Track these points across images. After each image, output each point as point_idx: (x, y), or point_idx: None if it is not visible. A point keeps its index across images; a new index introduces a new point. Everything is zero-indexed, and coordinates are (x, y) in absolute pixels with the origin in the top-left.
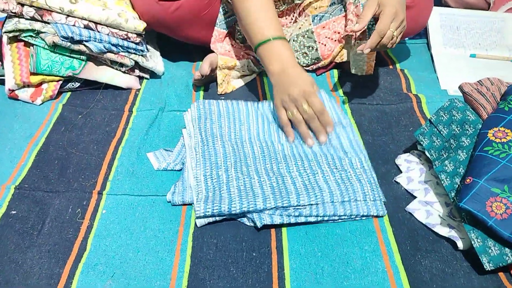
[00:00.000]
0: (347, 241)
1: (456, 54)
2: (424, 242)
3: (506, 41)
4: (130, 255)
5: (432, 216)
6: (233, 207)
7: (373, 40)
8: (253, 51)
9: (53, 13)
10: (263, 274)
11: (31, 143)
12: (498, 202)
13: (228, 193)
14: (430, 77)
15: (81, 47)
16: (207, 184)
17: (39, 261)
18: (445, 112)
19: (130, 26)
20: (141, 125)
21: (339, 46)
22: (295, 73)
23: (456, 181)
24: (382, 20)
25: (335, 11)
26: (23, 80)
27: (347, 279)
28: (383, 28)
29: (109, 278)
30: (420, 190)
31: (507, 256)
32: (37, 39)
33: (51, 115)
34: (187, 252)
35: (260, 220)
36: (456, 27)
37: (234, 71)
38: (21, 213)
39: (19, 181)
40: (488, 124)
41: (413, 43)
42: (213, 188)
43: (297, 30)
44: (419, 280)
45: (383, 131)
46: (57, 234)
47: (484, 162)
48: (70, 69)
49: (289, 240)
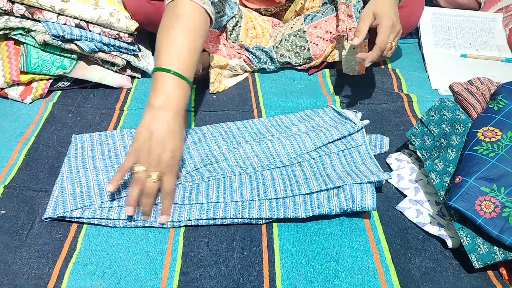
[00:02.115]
0: (338, 240)
1: (447, 53)
2: (414, 241)
3: (496, 41)
4: (120, 254)
5: (422, 215)
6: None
7: (374, 54)
8: (245, 51)
9: (44, 11)
10: (254, 273)
11: (20, 142)
12: (487, 201)
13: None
14: (421, 77)
15: (72, 46)
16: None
17: (28, 261)
18: (436, 112)
19: (122, 25)
20: (132, 124)
21: (331, 46)
22: (177, 135)
23: (445, 179)
24: (381, 34)
25: (327, 11)
26: (12, 78)
27: (337, 278)
28: (383, 42)
29: (99, 278)
30: (411, 189)
31: (496, 254)
32: (28, 38)
33: (41, 114)
34: (178, 252)
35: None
36: (447, 27)
37: (226, 70)
38: (11, 213)
39: (9, 180)
40: (477, 124)
41: (405, 42)
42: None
43: (289, 30)
44: (409, 279)
45: (374, 130)
46: (47, 234)
47: (474, 161)
48: (61, 68)
49: (280, 239)
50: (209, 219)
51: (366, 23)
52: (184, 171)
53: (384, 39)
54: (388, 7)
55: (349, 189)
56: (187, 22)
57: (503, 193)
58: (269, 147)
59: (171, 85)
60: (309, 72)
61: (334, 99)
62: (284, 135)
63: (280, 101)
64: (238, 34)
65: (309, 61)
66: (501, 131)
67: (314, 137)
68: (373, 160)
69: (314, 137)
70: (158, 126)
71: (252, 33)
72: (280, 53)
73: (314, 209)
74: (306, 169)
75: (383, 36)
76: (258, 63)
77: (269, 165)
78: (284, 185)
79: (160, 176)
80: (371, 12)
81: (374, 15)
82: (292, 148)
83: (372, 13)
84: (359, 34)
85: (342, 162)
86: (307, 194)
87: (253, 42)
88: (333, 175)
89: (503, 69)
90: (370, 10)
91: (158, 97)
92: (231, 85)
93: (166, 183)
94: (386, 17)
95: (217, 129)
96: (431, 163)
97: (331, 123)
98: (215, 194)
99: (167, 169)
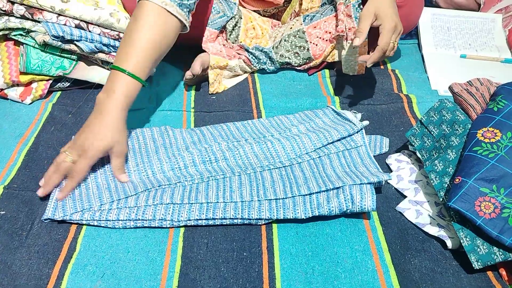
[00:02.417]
0: (338, 241)
1: (447, 54)
2: (414, 242)
3: (495, 42)
4: (120, 255)
5: (422, 216)
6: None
7: (376, 56)
8: (245, 51)
9: (44, 12)
10: (253, 274)
11: (20, 142)
12: (486, 202)
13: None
14: (420, 77)
15: (72, 46)
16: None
17: (28, 261)
18: (436, 113)
19: (122, 26)
20: (131, 125)
21: (330, 46)
22: (105, 121)
23: (445, 180)
24: (384, 36)
25: (326, 11)
26: (12, 79)
27: (337, 279)
28: (385, 44)
29: (99, 279)
30: (410, 189)
31: (496, 255)
32: (27, 38)
33: (41, 115)
34: (177, 252)
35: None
36: (446, 27)
37: (225, 70)
38: (10, 213)
39: (8, 181)
40: (477, 124)
41: (404, 43)
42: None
43: (289, 30)
44: (408, 279)
45: (374, 131)
46: (47, 235)
47: (473, 162)
48: (61, 69)
49: (280, 240)
50: (208, 219)
51: (367, 22)
52: (184, 170)
53: (386, 41)
54: (389, 6)
55: (349, 190)
56: (146, 24)
57: (502, 194)
58: (269, 147)
59: (123, 85)
60: (309, 73)
61: (334, 99)
62: (284, 136)
63: (280, 102)
64: (238, 34)
65: (309, 62)
66: (500, 131)
67: (314, 138)
68: (373, 161)
69: (314, 138)
70: (92, 116)
71: (251, 34)
72: (279, 53)
73: (313, 210)
74: (305, 170)
75: (386, 38)
76: (257, 64)
77: (269, 165)
78: (283, 186)
79: (74, 160)
80: (372, 11)
81: (376, 14)
82: (292, 149)
83: (373, 12)
84: (360, 34)
85: (342, 163)
86: (307, 195)
87: (252, 42)
88: (332, 175)
89: (503, 69)
90: (371, 10)
91: (104, 91)
92: (231, 85)
93: (76, 165)
94: (388, 18)
95: (216, 129)
96: (430, 163)
97: (330, 124)
98: (214, 194)
99: (84, 154)
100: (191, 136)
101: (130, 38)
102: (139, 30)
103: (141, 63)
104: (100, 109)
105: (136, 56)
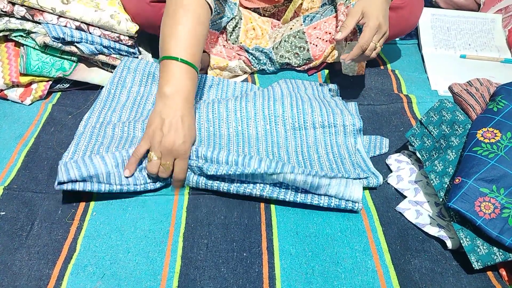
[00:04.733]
0: (338, 241)
1: (447, 54)
2: (414, 242)
3: (495, 42)
4: (120, 255)
5: (422, 216)
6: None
7: (354, 52)
8: (245, 52)
9: (45, 13)
10: (253, 274)
11: (20, 143)
12: (486, 202)
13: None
14: (420, 78)
15: (72, 48)
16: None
17: (28, 262)
18: (435, 113)
19: (123, 28)
20: None
21: (330, 47)
22: (187, 121)
23: (445, 180)
24: (365, 33)
25: (326, 12)
26: (12, 79)
27: (337, 279)
28: (366, 43)
29: (99, 279)
30: (410, 190)
31: (495, 255)
32: (28, 39)
33: (41, 115)
34: (177, 253)
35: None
36: (446, 28)
37: (225, 71)
38: (10, 214)
39: (8, 182)
40: (477, 125)
41: (404, 43)
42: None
43: (288, 31)
44: (408, 280)
45: (374, 131)
46: (47, 235)
47: (473, 162)
48: (61, 70)
49: (280, 240)
50: (219, 178)
51: (353, 19)
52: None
53: (367, 39)
54: (377, 7)
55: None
56: (190, 10)
57: (502, 194)
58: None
59: (179, 73)
60: (309, 73)
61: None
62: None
63: None
64: (238, 35)
65: (309, 62)
66: (500, 132)
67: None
68: (363, 158)
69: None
70: (169, 113)
71: (251, 34)
72: (279, 54)
73: (305, 198)
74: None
75: (367, 36)
76: (257, 64)
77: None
78: (295, 145)
79: (171, 162)
80: (360, 9)
81: (363, 13)
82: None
83: (361, 11)
84: (343, 29)
85: (330, 158)
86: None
87: (252, 43)
88: (325, 164)
89: (503, 70)
90: (359, 8)
91: (167, 85)
92: None
93: (177, 167)
94: (373, 17)
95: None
96: (430, 164)
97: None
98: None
99: (178, 155)
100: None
101: (180, 27)
102: (177, 22)
103: (197, 51)
104: (171, 106)
105: (183, 44)
